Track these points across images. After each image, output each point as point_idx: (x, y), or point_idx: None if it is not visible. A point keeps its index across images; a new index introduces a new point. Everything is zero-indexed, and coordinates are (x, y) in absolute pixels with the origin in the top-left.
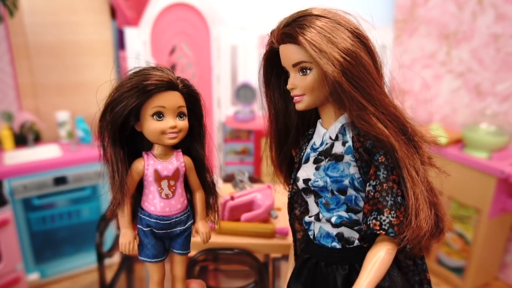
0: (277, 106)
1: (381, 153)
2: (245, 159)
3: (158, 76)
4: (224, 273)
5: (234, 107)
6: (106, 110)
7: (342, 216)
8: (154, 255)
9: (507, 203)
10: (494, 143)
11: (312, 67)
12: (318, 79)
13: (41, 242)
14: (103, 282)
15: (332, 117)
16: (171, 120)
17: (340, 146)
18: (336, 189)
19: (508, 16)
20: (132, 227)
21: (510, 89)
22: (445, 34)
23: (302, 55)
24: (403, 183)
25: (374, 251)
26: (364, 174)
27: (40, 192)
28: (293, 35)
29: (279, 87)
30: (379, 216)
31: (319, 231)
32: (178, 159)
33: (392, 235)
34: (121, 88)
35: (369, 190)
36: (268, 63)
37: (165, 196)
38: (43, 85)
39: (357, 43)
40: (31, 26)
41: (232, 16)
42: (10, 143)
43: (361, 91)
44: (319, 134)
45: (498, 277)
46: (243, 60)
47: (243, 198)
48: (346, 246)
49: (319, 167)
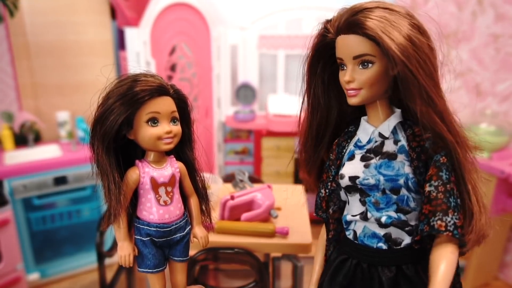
0: (320, 100)
1: (442, 153)
2: (245, 159)
3: (150, 82)
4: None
5: (234, 107)
6: (98, 122)
7: (392, 216)
8: (156, 265)
9: (507, 203)
10: (494, 143)
11: (375, 61)
12: (379, 74)
13: (41, 242)
14: (103, 282)
15: (379, 115)
16: (166, 126)
17: (391, 144)
18: (389, 188)
19: (508, 16)
20: (129, 239)
21: (510, 89)
22: (445, 34)
23: (365, 47)
24: (463, 185)
25: (441, 252)
26: (420, 174)
27: (40, 192)
28: (359, 23)
29: (322, 81)
30: (444, 217)
31: (362, 230)
32: (173, 165)
33: (458, 236)
34: (111, 96)
35: (430, 190)
36: (317, 54)
37: (164, 203)
38: (43, 85)
39: (419, 35)
40: (31, 26)
41: (232, 16)
42: (10, 143)
43: (432, 87)
44: (365, 132)
45: (498, 277)
46: (243, 60)
47: (243, 197)
48: (393, 247)
49: (369, 164)
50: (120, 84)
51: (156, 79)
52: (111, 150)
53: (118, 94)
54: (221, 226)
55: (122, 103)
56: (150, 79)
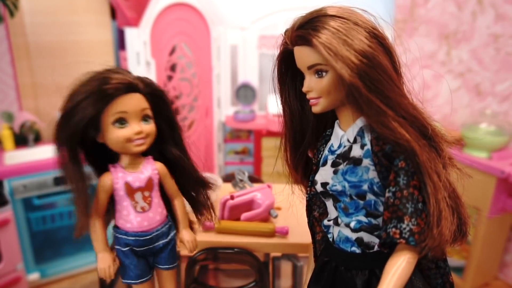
0: (292, 107)
1: (401, 158)
2: (245, 159)
3: (116, 78)
4: (224, 272)
5: (234, 107)
6: (61, 124)
7: (361, 221)
8: (138, 275)
9: (507, 203)
10: (494, 143)
11: (328, 69)
12: (334, 82)
13: (41, 242)
14: (103, 282)
15: (350, 118)
16: (135, 126)
17: (358, 149)
18: (354, 194)
19: (508, 16)
20: (109, 249)
21: (510, 89)
22: (445, 34)
23: (317, 57)
24: (424, 189)
25: (394, 260)
26: (384, 179)
27: (40, 192)
28: (306, 37)
29: (294, 87)
30: (399, 224)
31: (338, 235)
32: (150, 167)
33: (413, 243)
34: (75, 96)
35: (389, 196)
36: (283, 63)
37: (141, 210)
38: (43, 85)
39: (374, 44)
40: (31, 26)
41: (232, 16)
42: (11, 143)
43: (380, 95)
44: (337, 136)
45: (498, 276)
46: (243, 60)
47: (243, 197)
48: (366, 251)
49: (337, 170)
50: (86, 81)
51: (123, 74)
52: (77, 157)
53: (82, 93)
54: (221, 226)
55: (86, 103)
56: (115, 75)
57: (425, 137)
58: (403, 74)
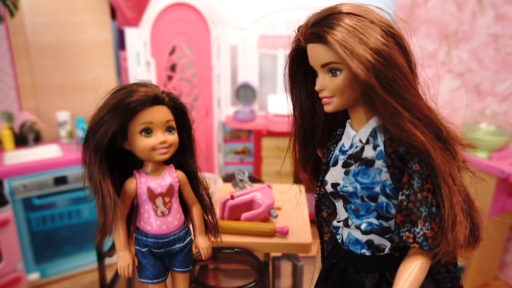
0: (303, 105)
1: (415, 160)
2: (245, 159)
3: (143, 92)
4: (224, 272)
5: (234, 107)
6: (90, 133)
7: (372, 223)
8: (155, 275)
9: (506, 203)
10: (494, 143)
11: (342, 68)
12: (348, 81)
13: (41, 242)
14: (103, 282)
15: (362, 119)
16: (160, 135)
17: (370, 150)
18: (366, 195)
19: (508, 16)
20: (129, 248)
21: (510, 89)
22: (445, 34)
23: (331, 55)
24: (438, 192)
25: (407, 265)
26: (397, 181)
27: (40, 192)
28: (321, 35)
29: (305, 86)
30: (412, 228)
31: (347, 236)
32: (171, 175)
33: (426, 248)
34: (104, 108)
35: (402, 199)
36: (294, 61)
37: (161, 214)
38: (43, 85)
39: (390, 43)
40: (31, 26)
41: (232, 16)
42: (11, 143)
43: (395, 95)
44: (348, 136)
45: (498, 277)
46: (243, 60)
47: (243, 197)
48: (376, 253)
49: (348, 171)
50: (114, 95)
51: (151, 88)
52: (105, 163)
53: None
54: (221, 226)
55: (114, 114)
56: (143, 89)
57: (439, 139)
58: (419, 74)
